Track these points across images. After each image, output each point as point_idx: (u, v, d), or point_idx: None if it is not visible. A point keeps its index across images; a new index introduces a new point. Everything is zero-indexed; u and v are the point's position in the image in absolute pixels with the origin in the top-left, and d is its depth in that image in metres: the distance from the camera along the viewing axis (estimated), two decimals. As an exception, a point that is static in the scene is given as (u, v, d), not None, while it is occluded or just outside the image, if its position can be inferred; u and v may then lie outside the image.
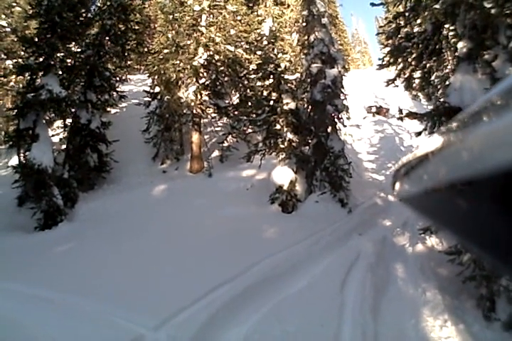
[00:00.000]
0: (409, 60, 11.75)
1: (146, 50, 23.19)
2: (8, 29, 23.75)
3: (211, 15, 20.86)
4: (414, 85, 12.65)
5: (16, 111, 15.74)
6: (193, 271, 9.00)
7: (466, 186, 0.58)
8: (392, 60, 12.11)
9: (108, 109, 21.25)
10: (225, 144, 21.17)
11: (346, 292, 8.77)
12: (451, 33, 9.95)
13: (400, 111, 11.34)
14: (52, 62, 16.04)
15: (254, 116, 17.86)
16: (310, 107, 16.95)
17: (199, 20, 20.43)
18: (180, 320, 6.93)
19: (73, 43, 18.42)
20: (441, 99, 10.26)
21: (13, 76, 21.10)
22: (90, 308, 7.30)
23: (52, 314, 7.12)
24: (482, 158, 0.53)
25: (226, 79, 21.64)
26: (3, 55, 22.38)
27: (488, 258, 0.63)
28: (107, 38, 19.72)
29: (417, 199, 0.99)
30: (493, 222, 0.54)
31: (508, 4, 8.29)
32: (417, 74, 12.05)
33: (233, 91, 23.26)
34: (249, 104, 20.11)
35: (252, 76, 19.76)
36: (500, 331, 7.54)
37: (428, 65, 11.55)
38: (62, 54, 16.97)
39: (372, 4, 12.77)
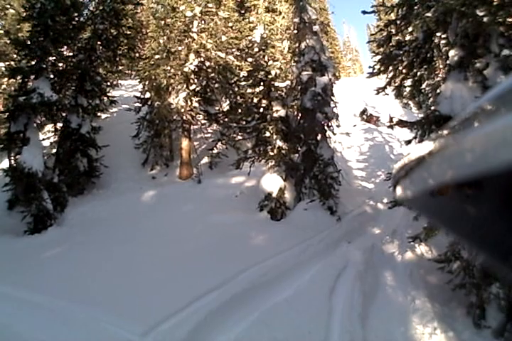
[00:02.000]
0: (400, 68, 11.78)
1: (137, 55, 23.21)
2: (1, 31, 23.74)
3: (203, 22, 20.86)
4: (404, 93, 12.69)
5: (7, 114, 15.70)
6: (181, 278, 9.00)
7: (468, 186, 0.59)
8: (382, 68, 12.12)
9: (98, 113, 21.21)
10: (215, 151, 21.17)
11: (335, 299, 8.78)
12: (442, 41, 10.02)
13: (391, 119, 11.40)
14: (44, 66, 16.04)
15: (244, 123, 17.97)
16: (300, 115, 16.98)
17: (191, 26, 20.42)
18: (167, 326, 6.94)
19: (65, 47, 18.42)
20: (432, 108, 10.27)
21: (5, 79, 21.08)
22: (79, 313, 7.30)
23: (41, 318, 7.12)
24: (484, 158, 0.53)
25: (216, 85, 21.60)
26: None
27: (487, 257, 0.63)
28: (99, 43, 19.71)
29: (420, 201, 0.99)
30: (495, 222, 0.55)
31: (501, 12, 8.33)
32: (408, 82, 12.09)
33: (223, 98, 23.24)
34: (240, 111, 20.21)
35: (243, 83, 19.80)
36: (491, 338, 7.55)
37: (419, 73, 11.60)
38: (54, 58, 16.98)
39: (364, 12, 12.80)
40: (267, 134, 16.44)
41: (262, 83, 17.21)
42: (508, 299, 7.64)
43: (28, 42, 16.08)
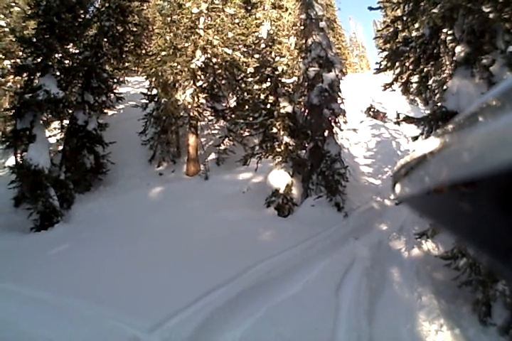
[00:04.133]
0: (407, 64, 11.74)
1: (143, 52, 23.19)
2: (6, 29, 23.74)
3: (209, 18, 20.88)
4: (411, 90, 12.61)
5: (13, 111, 15.71)
6: (188, 274, 8.99)
7: (467, 186, 0.58)
8: (389, 64, 12.08)
9: (105, 110, 21.29)
10: (222, 147, 21.19)
11: (341, 296, 8.76)
12: (449, 38, 9.96)
13: (397, 115, 11.36)
14: (50, 63, 16.08)
15: (251, 119, 17.84)
16: (307, 111, 16.96)
17: (197, 22, 20.46)
18: (174, 322, 6.92)
19: (71, 44, 18.44)
20: (439, 104, 10.22)
21: (11, 76, 21.14)
22: (85, 310, 7.29)
23: (47, 315, 7.09)
24: (482, 158, 0.53)
25: (223, 82, 21.66)
26: (1, 55, 22.34)
27: (487, 258, 0.63)
28: (105, 40, 19.79)
29: (418, 200, 0.99)
30: (493, 222, 0.54)
31: (507, 9, 8.30)
32: (415, 78, 12.03)
33: (230, 95, 23.28)
34: (246, 107, 20.14)
35: (250, 79, 19.92)
36: (496, 335, 7.53)
37: (425, 70, 11.55)
38: (60, 55, 17.00)
39: (370, 8, 12.74)
40: (274, 130, 16.38)
41: (268, 79, 17.15)
42: (513, 296, 7.64)
43: (34, 40, 16.10)
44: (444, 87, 10.16)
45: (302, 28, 17.79)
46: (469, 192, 0.58)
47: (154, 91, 21.63)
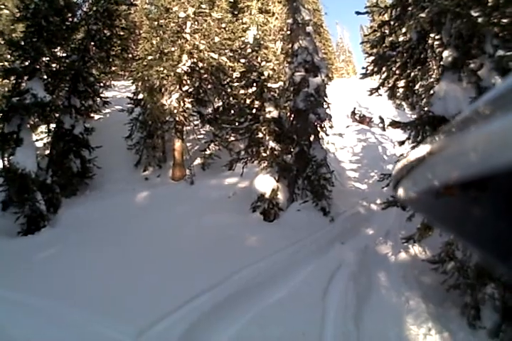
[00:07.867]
0: (394, 69, 11.75)
1: (130, 56, 23.24)
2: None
3: (196, 23, 20.86)
4: (398, 94, 12.63)
5: (0, 115, 15.64)
6: (174, 279, 8.99)
7: (475, 188, 0.58)
8: (376, 69, 12.08)
9: (92, 114, 21.35)
10: (208, 152, 21.20)
11: (328, 300, 8.75)
12: (436, 42, 10.01)
13: (381, 120, 11.42)
14: (37, 67, 16.02)
15: (236, 124, 17.83)
16: (293, 116, 17.01)
17: (184, 27, 20.45)
18: (160, 328, 6.95)
19: (59, 48, 18.36)
20: (425, 108, 10.25)
21: (-1, 79, 21.08)
22: (72, 314, 7.29)
23: (33, 320, 7.09)
24: (484, 158, 0.53)
25: (209, 86, 21.66)
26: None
27: (488, 257, 0.63)
28: (92, 43, 19.68)
29: (422, 202, 0.99)
30: (495, 222, 0.55)
31: (496, 13, 8.34)
32: (401, 83, 12.04)
33: (216, 99, 23.22)
34: (232, 112, 20.20)
35: (236, 84, 19.88)
36: (486, 338, 7.54)
37: (412, 74, 11.57)
38: (47, 58, 16.93)
39: (358, 13, 12.73)
40: (260, 135, 16.39)
41: (254, 84, 17.17)
42: (502, 299, 7.64)
43: (22, 43, 16.07)
44: (431, 92, 10.19)
45: (289, 32, 17.86)
46: (479, 195, 0.58)
47: (140, 96, 21.57)
